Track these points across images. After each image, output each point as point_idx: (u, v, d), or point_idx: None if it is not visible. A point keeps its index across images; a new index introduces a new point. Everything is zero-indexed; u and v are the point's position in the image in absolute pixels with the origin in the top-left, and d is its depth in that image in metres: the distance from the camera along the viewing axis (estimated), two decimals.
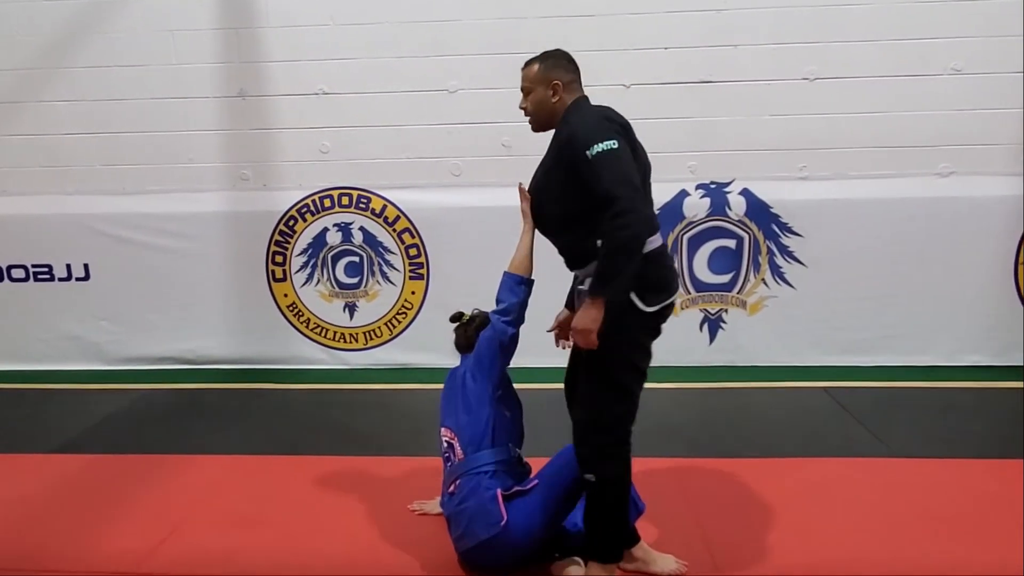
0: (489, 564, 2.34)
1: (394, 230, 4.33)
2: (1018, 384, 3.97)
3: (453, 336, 2.74)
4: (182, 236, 4.37)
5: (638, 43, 4.13)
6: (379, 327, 4.44)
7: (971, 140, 4.09)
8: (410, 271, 4.37)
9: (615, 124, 2.18)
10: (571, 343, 2.52)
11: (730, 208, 4.22)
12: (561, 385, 2.54)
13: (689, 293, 4.32)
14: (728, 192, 4.22)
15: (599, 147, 2.08)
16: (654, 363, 4.41)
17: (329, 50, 4.19)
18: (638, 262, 2.07)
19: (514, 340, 2.46)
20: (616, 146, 2.09)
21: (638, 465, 2.34)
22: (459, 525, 2.36)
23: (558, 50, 2.39)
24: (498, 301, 2.49)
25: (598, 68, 4.16)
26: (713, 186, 4.22)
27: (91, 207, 4.37)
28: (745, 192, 4.21)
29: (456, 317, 2.70)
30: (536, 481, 2.33)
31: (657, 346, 4.31)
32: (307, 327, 4.46)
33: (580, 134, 2.14)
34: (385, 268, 4.38)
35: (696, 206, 4.23)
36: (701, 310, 4.34)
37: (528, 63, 2.37)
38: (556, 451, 2.39)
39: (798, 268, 4.26)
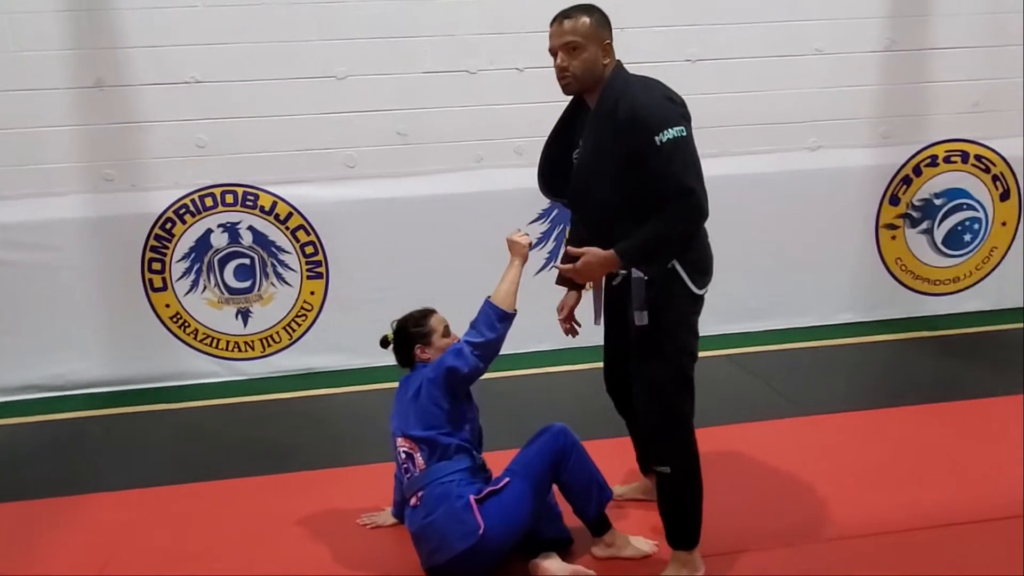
0: (468, 573, 2.25)
1: (287, 228, 4.05)
2: (887, 336, 4.40)
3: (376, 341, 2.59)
4: (37, 247, 3.84)
5: (529, 26, 4.07)
6: (277, 332, 4.15)
7: (834, 115, 4.43)
8: (307, 270, 4.11)
9: (679, 106, 2.06)
10: (579, 331, 2.48)
11: None
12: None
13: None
14: None
15: (669, 133, 1.96)
16: (561, 346, 4.45)
17: (199, 34, 3.81)
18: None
19: (481, 373, 2.31)
20: (684, 133, 2.00)
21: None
22: (430, 539, 2.25)
23: (592, 3, 2.14)
24: (473, 328, 2.31)
25: (491, 51, 4.11)
26: None
27: None
28: None
29: (384, 343, 2.54)
30: (507, 479, 2.27)
31: (559, 329, 4.30)
32: (195, 338, 4.09)
33: (648, 115, 1.99)
34: (280, 269, 4.09)
35: None
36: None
37: (571, 14, 2.08)
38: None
39: None
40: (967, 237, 4.64)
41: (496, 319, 2.28)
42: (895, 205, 4.55)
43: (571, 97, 2.26)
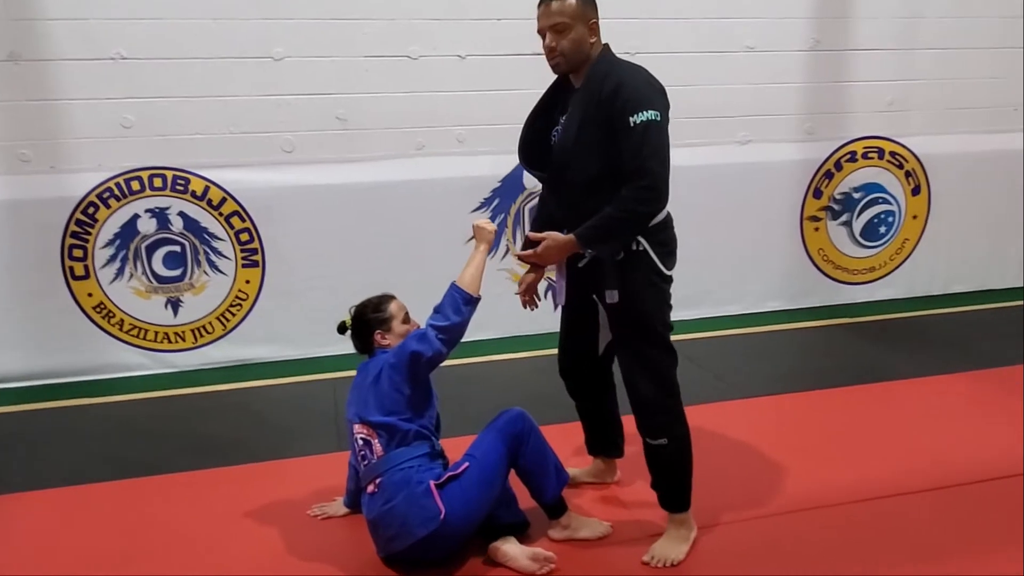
0: (427, 559, 2.24)
1: (220, 214, 3.90)
2: (810, 323, 4.62)
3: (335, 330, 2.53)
4: None
5: (473, 13, 4.07)
6: (210, 322, 4.00)
7: (763, 111, 4.60)
8: (243, 258, 3.97)
9: (659, 93, 2.13)
10: (539, 304, 2.53)
11: None
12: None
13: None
14: None
15: (644, 115, 2.03)
16: (504, 334, 4.48)
17: (126, 8, 3.61)
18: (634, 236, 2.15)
19: (443, 358, 2.30)
20: (659, 119, 2.06)
21: None
22: (390, 526, 2.23)
23: None
24: (438, 312, 2.28)
25: (434, 38, 4.06)
26: None
27: None
28: None
29: (342, 328, 2.49)
30: (467, 463, 2.26)
31: (507, 317, 4.39)
32: (120, 329, 3.89)
33: (629, 95, 2.07)
34: (213, 256, 3.94)
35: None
36: (546, 278, 4.44)
37: None
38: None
39: None
40: (882, 229, 4.92)
41: (462, 302, 2.27)
42: (818, 198, 4.77)
43: (545, 79, 2.33)
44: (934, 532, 2.45)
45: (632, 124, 2.04)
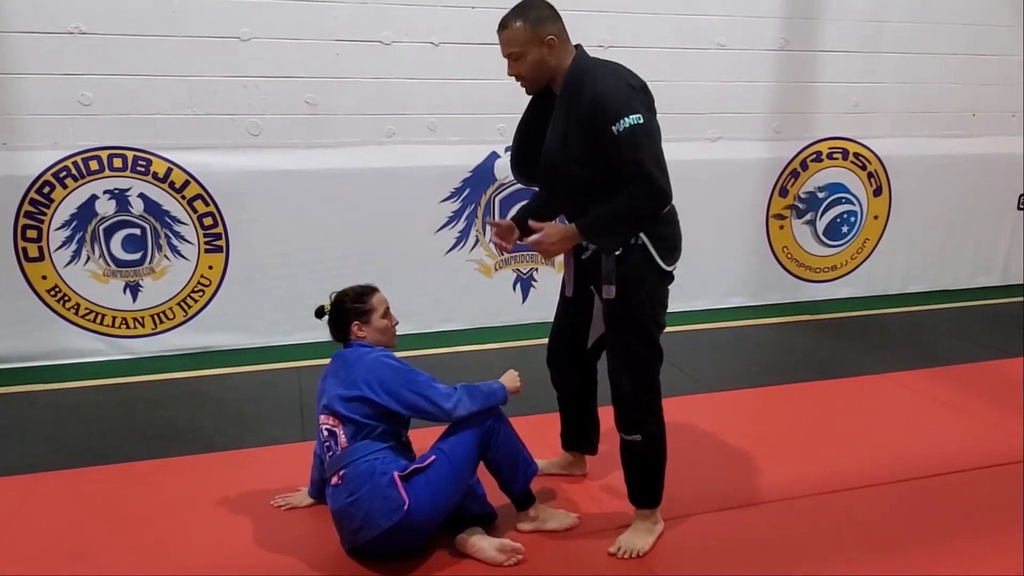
0: (392, 551, 2.22)
1: (183, 197, 3.80)
2: (773, 320, 4.69)
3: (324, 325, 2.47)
4: None
5: (445, 0, 4.03)
6: (170, 308, 3.90)
7: (733, 109, 4.65)
8: (206, 243, 3.87)
9: (638, 92, 2.09)
10: (509, 250, 2.48)
11: None
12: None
13: (501, 254, 4.39)
14: None
15: (627, 121, 1.99)
16: (471, 326, 4.47)
17: None
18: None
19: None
20: (642, 121, 2.02)
21: None
22: (354, 518, 2.19)
23: (530, 0, 2.14)
24: (469, 395, 2.28)
25: (408, 23, 4.01)
26: None
27: None
28: None
29: (320, 313, 2.44)
30: (434, 457, 2.24)
31: (474, 309, 4.38)
32: (76, 314, 3.77)
33: (605, 103, 2.03)
34: (174, 240, 3.83)
35: (506, 168, 4.25)
36: (514, 270, 4.45)
37: (507, 23, 2.11)
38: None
39: None
40: (844, 229, 5.01)
41: (491, 399, 2.31)
42: (784, 197, 4.84)
43: None
44: (896, 524, 2.50)
45: (616, 133, 2.00)
